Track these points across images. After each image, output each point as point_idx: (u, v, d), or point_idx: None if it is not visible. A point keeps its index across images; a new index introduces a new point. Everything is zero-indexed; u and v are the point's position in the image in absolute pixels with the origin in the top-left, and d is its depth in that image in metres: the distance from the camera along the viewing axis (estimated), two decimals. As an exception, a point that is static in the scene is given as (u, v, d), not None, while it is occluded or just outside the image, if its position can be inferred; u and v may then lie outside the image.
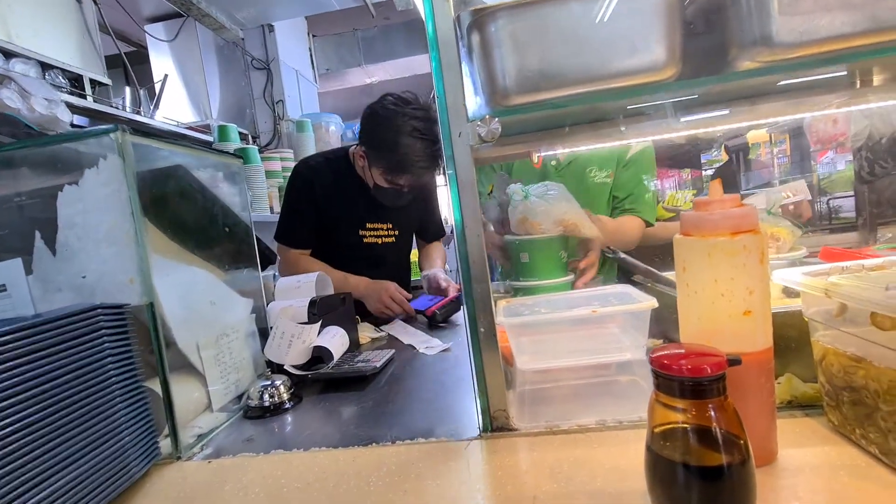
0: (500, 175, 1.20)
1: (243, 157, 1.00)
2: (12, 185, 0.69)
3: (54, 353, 0.49)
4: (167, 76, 2.45)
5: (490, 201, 1.11)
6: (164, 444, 0.65)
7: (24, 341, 0.47)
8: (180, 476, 0.61)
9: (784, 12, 0.52)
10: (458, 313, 1.26)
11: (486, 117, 0.57)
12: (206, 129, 2.51)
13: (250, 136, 2.91)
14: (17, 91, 1.44)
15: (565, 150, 1.20)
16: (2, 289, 0.64)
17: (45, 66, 1.73)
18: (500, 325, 0.62)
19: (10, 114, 1.28)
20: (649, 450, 0.41)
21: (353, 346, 1.06)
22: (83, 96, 1.84)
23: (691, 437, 0.38)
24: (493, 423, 0.61)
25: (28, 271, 0.65)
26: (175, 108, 2.61)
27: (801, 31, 0.52)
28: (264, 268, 0.99)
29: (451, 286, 1.39)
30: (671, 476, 0.39)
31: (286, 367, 0.87)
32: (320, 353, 0.89)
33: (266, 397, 0.78)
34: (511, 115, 0.61)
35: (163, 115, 2.38)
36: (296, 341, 0.88)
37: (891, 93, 0.67)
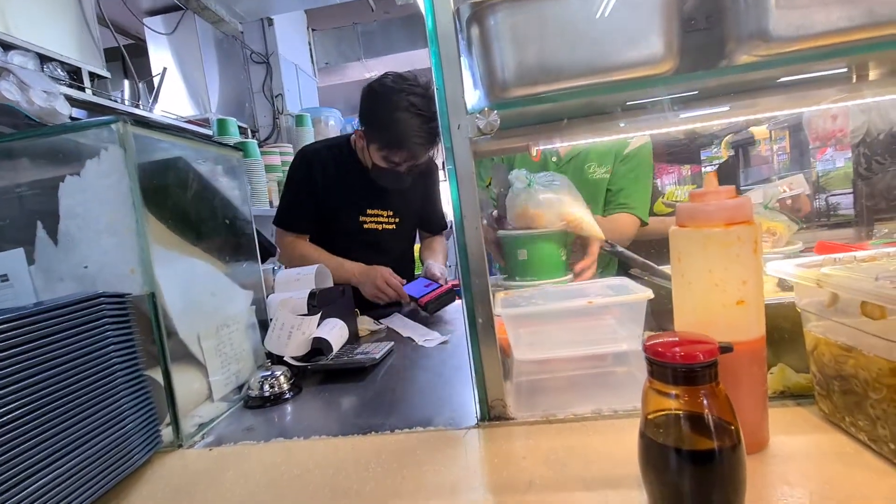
0: (496, 166, 1.17)
1: (243, 151, 1.00)
2: (14, 175, 0.69)
3: (58, 341, 0.50)
4: (166, 69, 2.44)
5: (486, 194, 1.09)
6: (166, 433, 0.66)
7: (29, 328, 0.47)
8: (182, 463, 0.62)
9: (781, 6, 0.52)
10: (451, 304, 1.26)
11: (485, 110, 0.58)
12: (205, 122, 2.50)
13: (249, 131, 2.90)
14: (15, 83, 1.43)
15: (563, 144, 1.20)
16: (4, 278, 0.65)
17: (43, 59, 1.72)
18: (498, 316, 0.62)
19: (10, 105, 1.28)
20: (643, 436, 0.41)
21: (353, 338, 1.07)
22: (82, 89, 1.84)
23: (684, 422, 0.39)
24: (490, 413, 0.61)
25: (30, 261, 0.66)
26: (174, 101, 2.60)
27: (797, 25, 0.52)
28: (264, 261, 0.99)
29: (443, 280, 1.39)
30: (664, 461, 0.39)
31: (286, 358, 0.87)
32: (320, 345, 0.90)
33: (266, 387, 0.79)
34: (510, 108, 0.61)
35: (161, 109, 2.37)
36: (295, 333, 0.89)
37: (887, 87, 0.67)
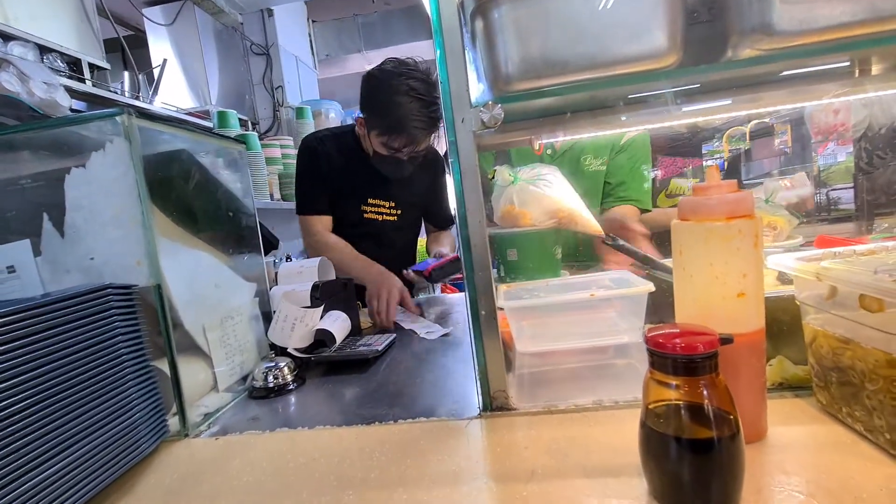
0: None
1: (245, 143, 1.00)
2: (19, 167, 0.70)
3: (67, 332, 0.51)
4: (166, 61, 2.43)
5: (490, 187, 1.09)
6: (172, 423, 0.67)
7: (37, 319, 0.48)
8: (188, 452, 0.63)
9: (785, 0, 0.52)
10: (456, 274, 1.25)
11: (489, 103, 0.58)
12: (205, 115, 2.49)
13: (250, 123, 2.90)
14: (15, 74, 1.43)
15: (567, 138, 1.20)
16: (11, 270, 0.66)
17: (42, 50, 1.72)
18: (501, 308, 0.63)
19: (12, 96, 1.27)
20: (643, 426, 0.42)
21: (356, 330, 1.07)
22: (82, 80, 1.83)
23: (684, 412, 0.40)
24: (492, 403, 0.62)
25: (36, 253, 0.66)
26: (174, 93, 2.59)
27: (800, 19, 0.52)
28: (266, 253, 1.00)
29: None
30: (664, 450, 0.40)
31: (289, 349, 0.88)
32: (323, 337, 0.91)
33: (270, 378, 0.80)
34: (514, 102, 0.61)
35: (162, 101, 2.37)
36: (299, 325, 0.89)
37: (889, 82, 0.68)
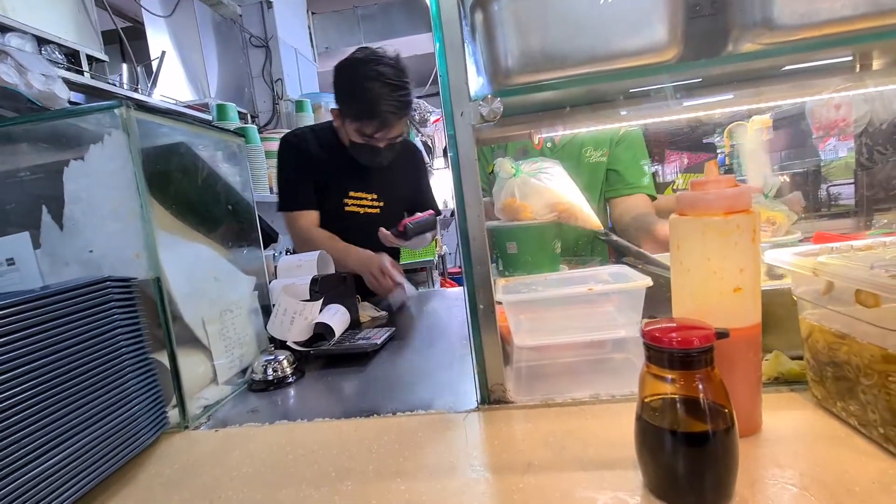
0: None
1: (244, 136, 1.00)
2: (17, 159, 0.70)
3: (66, 324, 0.51)
4: (164, 53, 2.41)
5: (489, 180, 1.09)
6: (172, 415, 0.67)
7: (37, 311, 0.48)
8: (188, 443, 0.63)
9: (786, -6, 0.52)
10: (431, 230, 1.28)
11: (489, 97, 0.58)
12: (204, 107, 2.48)
13: (249, 116, 2.88)
14: (13, 66, 1.42)
15: (566, 132, 1.20)
16: (10, 262, 0.66)
17: (40, 41, 1.70)
18: (499, 302, 0.63)
19: (10, 88, 1.27)
20: (639, 419, 0.43)
21: (355, 324, 1.08)
22: (80, 72, 1.82)
23: (679, 406, 0.40)
24: (490, 396, 0.63)
25: (36, 245, 0.66)
26: (173, 85, 2.57)
27: (801, 13, 0.52)
28: (266, 247, 1.00)
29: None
30: (659, 443, 0.41)
31: (289, 343, 0.89)
32: (322, 330, 0.91)
33: (270, 371, 0.81)
34: (513, 96, 0.61)
35: (160, 94, 2.35)
36: (298, 318, 0.90)
37: (890, 77, 0.67)
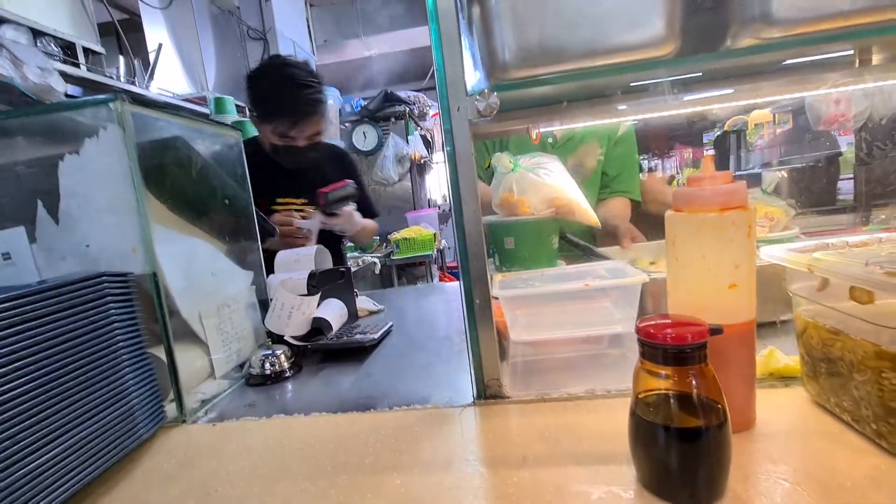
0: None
1: (241, 130, 1.00)
2: (12, 153, 0.69)
3: (62, 318, 0.51)
4: (161, 45, 2.40)
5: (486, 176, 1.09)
6: (170, 409, 0.68)
7: (33, 306, 0.48)
8: (186, 437, 0.63)
9: (785, -12, 0.52)
10: (351, 203, 1.32)
11: (485, 91, 0.57)
12: (201, 101, 2.46)
13: (247, 109, 2.86)
14: (9, 59, 1.41)
15: (563, 127, 1.20)
16: (6, 256, 0.66)
17: (36, 34, 1.69)
18: (496, 298, 0.63)
19: (5, 80, 1.26)
20: (633, 414, 0.43)
21: (352, 318, 1.08)
22: (76, 65, 1.81)
23: (673, 401, 0.40)
24: (486, 391, 0.63)
25: (31, 240, 0.66)
26: (170, 78, 2.55)
27: (801, 7, 0.52)
28: (263, 241, 1.00)
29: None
30: (652, 438, 0.41)
31: (286, 337, 0.89)
32: (320, 325, 0.92)
33: (267, 366, 0.81)
34: (510, 90, 0.61)
35: (157, 87, 2.34)
36: (295, 313, 0.90)
37: (890, 72, 0.67)
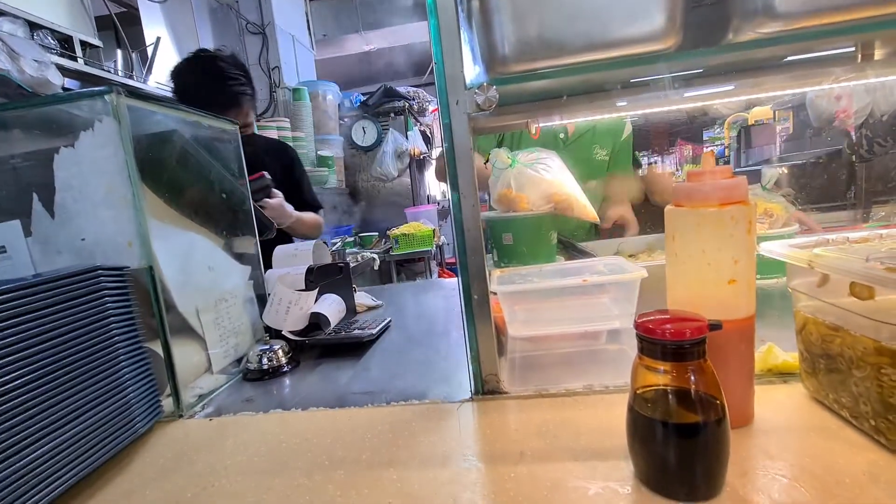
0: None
1: (238, 124, 0.99)
2: (7, 146, 0.69)
3: (58, 312, 0.50)
4: (159, 39, 2.38)
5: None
6: (167, 404, 0.67)
7: (29, 299, 0.48)
8: (183, 432, 0.63)
9: (788, -19, 0.51)
10: (266, 189, 1.28)
11: (484, 85, 0.57)
12: (200, 95, 2.45)
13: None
14: (5, 52, 1.40)
15: (562, 122, 1.19)
16: (2, 250, 0.65)
17: (33, 27, 1.68)
18: (494, 293, 0.63)
19: (2, 73, 1.25)
20: (631, 410, 0.43)
21: (350, 313, 1.08)
22: (73, 58, 1.79)
23: (671, 397, 0.40)
24: (484, 387, 0.63)
25: (27, 233, 0.66)
26: (168, 72, 2.54)
27: (803, 1, 0.51)
28: (261, 236, 0.99)
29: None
30: (650, 433, 0.41)
31: (284, 332, 0.89)
32: (317, 320, 0.91)
33: (265, 361, 0.81)
34: (509, 84, 0.60)
35: (156, 80, 2.32)
36: (293, 308, 0.89)
37: (892, 67, 0.66)
